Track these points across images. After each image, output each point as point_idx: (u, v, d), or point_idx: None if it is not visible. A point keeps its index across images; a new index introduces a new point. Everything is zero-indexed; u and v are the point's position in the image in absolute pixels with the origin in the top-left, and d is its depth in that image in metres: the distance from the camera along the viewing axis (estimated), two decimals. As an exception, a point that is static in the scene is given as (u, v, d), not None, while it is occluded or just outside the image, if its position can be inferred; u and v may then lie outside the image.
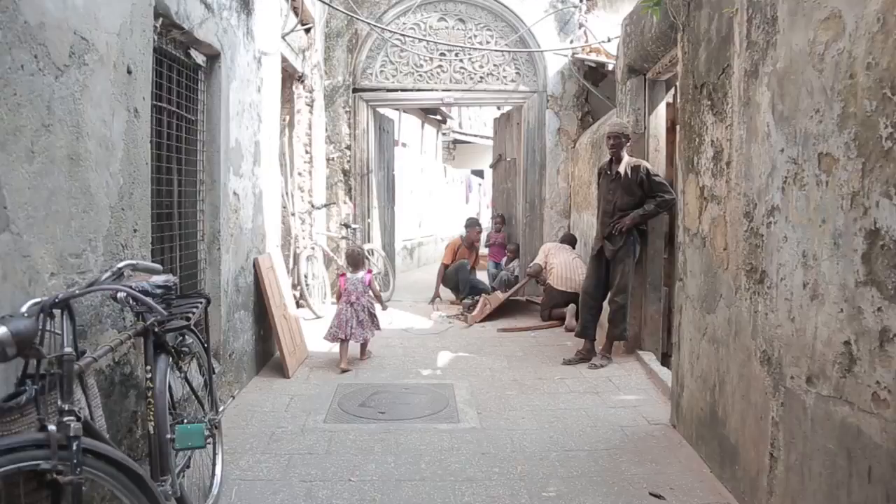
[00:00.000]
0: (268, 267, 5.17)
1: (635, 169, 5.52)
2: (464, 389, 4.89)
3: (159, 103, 3.45)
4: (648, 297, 5.82)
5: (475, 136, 27.40)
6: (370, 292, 5.77)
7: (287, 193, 7.48)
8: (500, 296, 7.76)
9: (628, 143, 5.60)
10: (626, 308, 5.62)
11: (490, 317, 7.40)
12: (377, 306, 5.96)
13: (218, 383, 4.05)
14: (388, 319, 7.37)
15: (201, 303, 2.93)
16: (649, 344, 5.84)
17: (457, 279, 8.46)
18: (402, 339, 6.48)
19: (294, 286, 7.41)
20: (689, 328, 3.99)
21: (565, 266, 7.11)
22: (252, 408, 4.38)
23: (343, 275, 5.88)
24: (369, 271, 5.93)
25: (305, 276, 7.35)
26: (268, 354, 5.32)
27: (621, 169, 5.56)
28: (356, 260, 5.97)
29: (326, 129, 8.44)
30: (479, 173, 26.08)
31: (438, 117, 17.38)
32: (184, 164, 3.87)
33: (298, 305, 7.42)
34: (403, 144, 14.60)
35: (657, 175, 5.54)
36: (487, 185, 26.41)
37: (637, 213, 5.50)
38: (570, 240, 7.73)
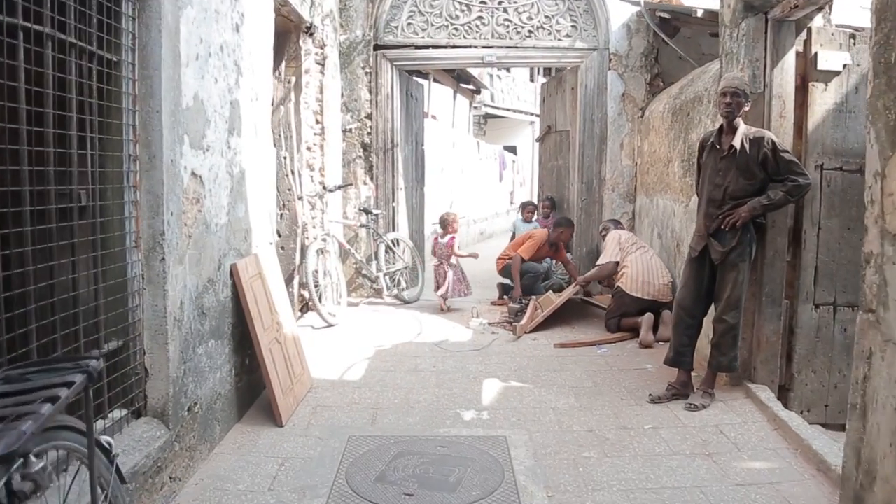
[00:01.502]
0: (252, 275, 3.79)
1: (756, 142, 4.02)
2: (523, 448, 3.49)
3: (32, 24, 2.06)
4: (764, 312, 4.34)
5: (508, 109, 25.81)
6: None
7: (292, 173, 6.09)
8: (552, 298, 6.31)
9: (746, 106, 4.10)
10: (737, 329, 4.16)
11: (541, 324, 5.97)
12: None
13: (168, 455, 2.70)
14: (416, 329, 5.99)
15: (68, 385, 1.54)
16: (762, 374, 4.37)
17: (522, 282, 6.99)
18: (434, 359, 5.08)
19: (301, 286, 6.05)
20: (891, 387, 2.53)
21: (643, 267, 5.63)
22: (220, 486, 3.02)
23: (435, 238, 7.19)
24: (452, 236, 7.02)
25: (315, 274, 5.98)
26: (256, 389, 3.96)
27: (736, 142, 4.06)
28: (444, 223, 7.18)
29: (342, 95, 7.01)
30: (512, 149, 24.51)
31: (472, 87, 15.83)
32: (97, 131, 2.48)
33: (306, 310, 6.07)
34: (433, 117, 13.14)
35: (786, 151, 4.03)
36: (522, 162, 24.87)
37: (758, 203, 4.01)
38: (618, 225, 6.34)
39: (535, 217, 8.49)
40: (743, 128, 4.10)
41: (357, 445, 3.48)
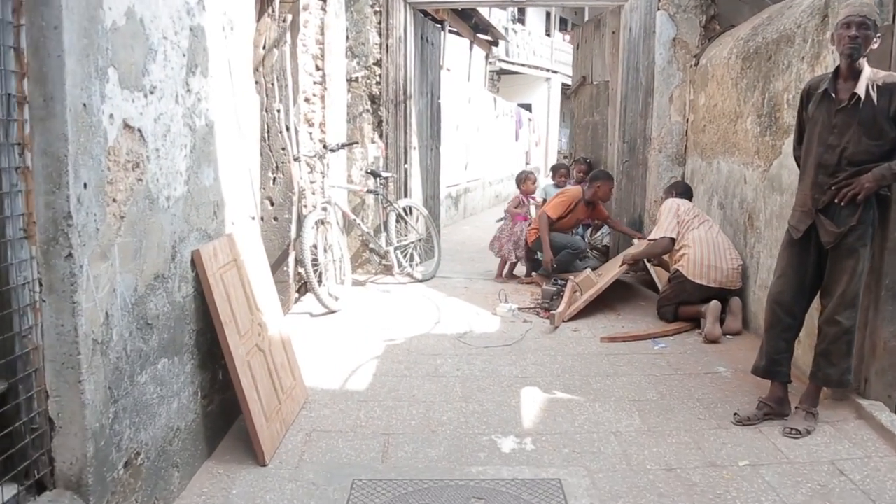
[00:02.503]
0: (224, 263, 2.86)
1: (888, 89, 3.04)
2: (585, 500, 2.60)
3: None
4: (882, 310, 3.39)
5: (523, 65, 24.55)
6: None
7: (287, 129, 5.11)
8: (592, 278, 5.37)
9: (875, 42, 3.09)
10: (853, 334, 3.24)
11: (581, 310, 5.04)
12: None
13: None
14: (433, 315, 5.08)
15: None
16: (877, 388, 3.45)
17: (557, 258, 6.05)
18: (458, 359, 4.17)
19: (298, 263, 5.13)
20: None
21: (708, 247, 4.66)
22: (171, 571, 2.15)
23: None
24: (524, 192, 6.64)
25: (314, 249, 5.05)
26: (233, 410, 3.05)
27: (860, 89, 3.07)
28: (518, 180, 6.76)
29: (347, 37, 5.98)
30: (527, 107, 23.33)
31: (489, 38, 14.64)
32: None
33: (304, 291, 5.16)
34: (447, 69, 12.03)
35: (930, 101, 3.04)
36: (537, 121, 23.68)
37: (889, 170, 3.04)
38: (687, 193, 5.27)
39: (569, 183, 7.50)
40: (868, 71, 3.10)
41: (364, 496, 2.59)
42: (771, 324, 3.38)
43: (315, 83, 5.39)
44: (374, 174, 5.86)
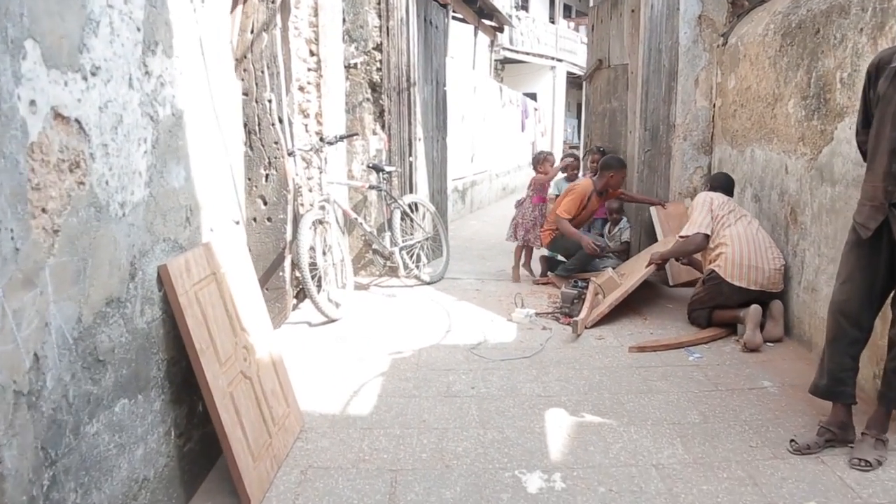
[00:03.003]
0: (200, 278, 2.42)
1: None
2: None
3: None
4: (959, 318, 2.95)
5: (528, 53, 24.00)
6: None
7: (280, 121, 4.67)
8: (615, 279, 4.93)
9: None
10: (932, 347, 2.79)
11: (605, 315, 4.60)
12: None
13: None
14: (443, 322, 4.66)
15: None
16: (953, 407, 3.01)
17: (569, 254, 5.60)
18: (473, 374, 3.74)
19: (294, 267, 4.70)
20: None
21: (749, 246, 4.20)
22: None
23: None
24: (541, 172, 6.10)
25: (312, 252, 4.62)
26: (215, 449, 2.61)
27: (944, 60, 2.62)
28: (535, 161, 6.25)
29: (344, 20, 5.53)
30: (532, 97, 22.80)
31: (494, 23, 14.12)
32: None
33: (303, 297, 4.74)
34: (451, 57, 11.54)
35: None
36: (543, 111, 23.16)
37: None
38: (725, 185, 4.77)
39: (582, 175, 7.04)
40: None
41: (367, 556, 2.16)
42: (835, 336, 2.93)
43: (309, 70, 4.94)
44: (377, 168, 5.42)
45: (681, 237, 4.52)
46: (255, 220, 4.77)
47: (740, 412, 3.24)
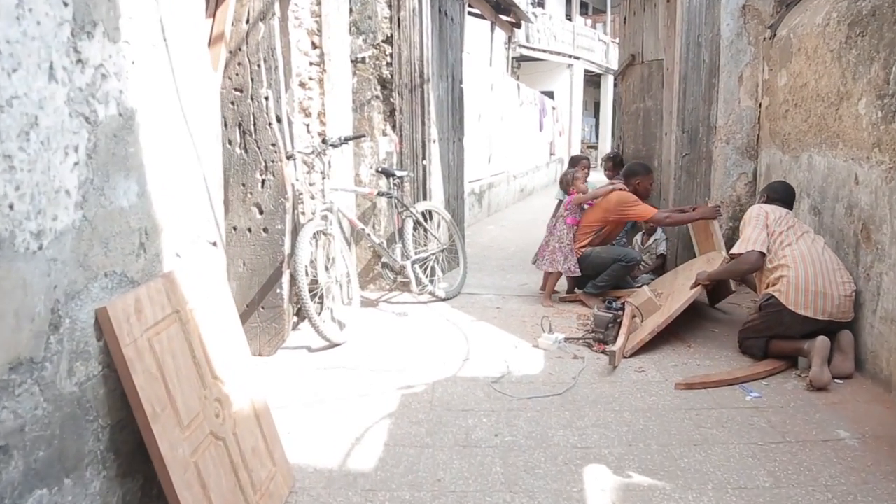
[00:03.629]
0: (155, 321, 1.91)
1: None
2: None
3: None
4: None
5: (545, 51, 23.42)
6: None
7: (278, 120, 4.18)
8: (654, 300, 4.38)
9: None
10: None
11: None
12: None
13: None
14: (460, 348, 4.14)
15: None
16: None
17: (599, 272, 5.02)
18: (495, 417, 3.20)
19: (293, 284, 4.19)
20: None
21: (813, 267, 3.63)
22: None
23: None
24: (571, 192, 5.36)
25: (312, 268, 4.12)
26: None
27: None
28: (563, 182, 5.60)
29: (351, 10, 5.03)
30: (549, 95, 22.21)
31: (511, 18, 13.57)
32: None
33: (302, 317, 4.24)
34: (467, 52, 11.03)
35: None
36: (561, 109, 22.57)
37: None
38: (784, 197, 4.18)
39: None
40: None
41: None
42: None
43: (311, 64, 4.44)
44: (387, 173, 4.90)
45: (731, 255, 3.97)
46: (249, 230, 4.28)
47: (817, 473, 2.69)
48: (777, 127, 4.92)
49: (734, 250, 3.94)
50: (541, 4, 24.56)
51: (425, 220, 5.20)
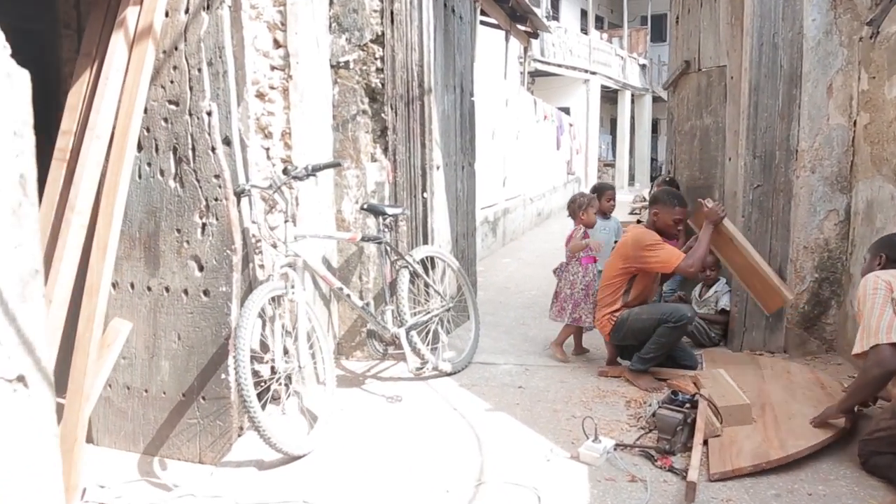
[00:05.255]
0: None
1: None
2: None
3: None
4: None
5: (560, 66, 22.37)
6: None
7: (228, 142, 3.09)
8: (727, 381, 3.20)
9: None
10: None
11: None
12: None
13: None
14: (474, 466, 2.97)
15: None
16: None
17: (641, 335, 3.86)
18: None
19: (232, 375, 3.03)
20: None
21: None
22: None
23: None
24: (578, 224, 4.44)
25: (261, 355, 2.97)
26: None
27: None
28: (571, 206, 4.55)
29: (332, 1, 3.92)
30: (565, 111, 21.11)
31: (528, 28, 12.48)
32: None
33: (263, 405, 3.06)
34: (479, 63, 9.95)
35: None
36: (577, 126, 21.47)
37: None
38: None
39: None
40: None
41: None
42: None
43: (273, 68, 3.33)
44: (375, 211, 3.76)
45: (854, 355, 2.79)
46: (186, 292, 3.16)
47: None
48: (881, 152, 3.76)
49: (856, 350, 2.75)
50: (556, 18, 23.59)
51: (426, 269, 4.05)
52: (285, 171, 3.18)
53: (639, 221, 6.48)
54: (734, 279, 4.15)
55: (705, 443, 2.96)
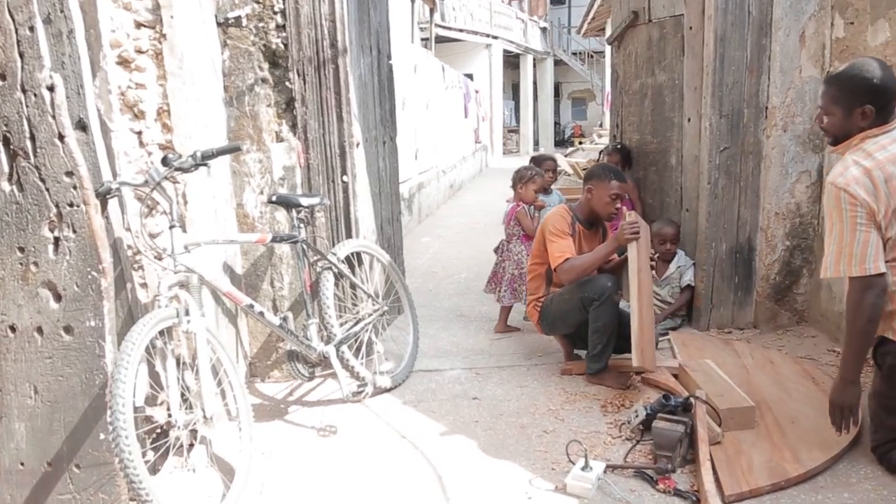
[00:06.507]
0: None
1: None
2: None
3: None
4: None
5: (462, 30, 21.71)
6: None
7: (83, 127, 2.29)
8: (720, 375, 2.75)
9: None
10: None
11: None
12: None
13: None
14: (432, 493, 2.36)
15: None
16: None
17: (571, 321, 3.36)
18: None
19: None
20: None
21: None
22: None
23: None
24: (517, 203, 4.24)
25: (155, 398, 2.25)
26: None
27: None
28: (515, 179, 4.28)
29: (212, -59, 3.12)
30: (468, 77, 20.56)
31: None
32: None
33: (160, 462, 2.32)
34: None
35: None
36: (483, 94, 20.97)
37: None
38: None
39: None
40: None
41: None
42: None
43: (140, 25, 2.54)
44: (287, 203, 3.03)
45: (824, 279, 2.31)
46: (39, 331, 2.37)
47: None
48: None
49: (828, 273, 2.28)
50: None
51: (352, 268, 3.38)
52: (165, 161, 2.41)
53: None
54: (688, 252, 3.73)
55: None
